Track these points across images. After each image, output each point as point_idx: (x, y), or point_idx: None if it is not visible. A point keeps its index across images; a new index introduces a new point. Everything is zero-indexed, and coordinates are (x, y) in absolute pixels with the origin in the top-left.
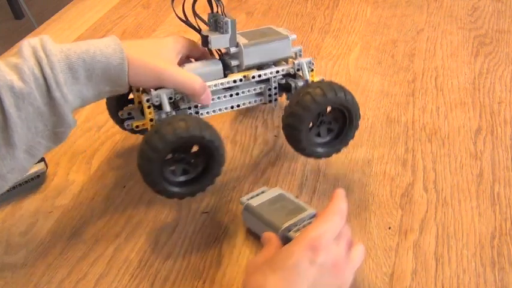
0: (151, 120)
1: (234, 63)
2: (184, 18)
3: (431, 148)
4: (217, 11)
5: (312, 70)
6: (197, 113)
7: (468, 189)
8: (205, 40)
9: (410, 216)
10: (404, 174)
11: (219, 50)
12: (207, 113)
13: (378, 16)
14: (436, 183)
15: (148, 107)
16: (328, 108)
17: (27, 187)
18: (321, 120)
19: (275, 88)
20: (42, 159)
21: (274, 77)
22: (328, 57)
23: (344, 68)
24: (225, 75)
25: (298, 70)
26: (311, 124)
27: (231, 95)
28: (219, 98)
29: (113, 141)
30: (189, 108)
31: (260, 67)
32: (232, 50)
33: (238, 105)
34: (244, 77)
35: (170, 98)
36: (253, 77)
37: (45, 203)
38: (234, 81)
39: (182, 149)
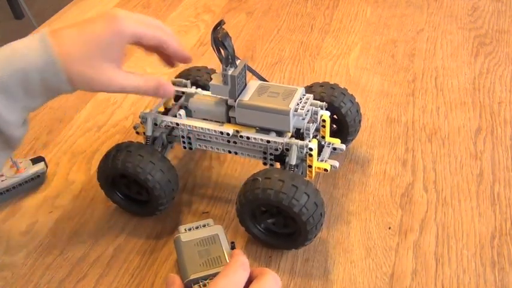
0: (143, 133)
1: (231, 114)
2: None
3: (431, 148)
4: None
5: (324, 126)
6: (190, 143)
7: (468, 189)
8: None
9: (410, 216)
10: (404, 174)
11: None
12: (205, 147)
13: (378, 16)
14: (436, 183)
15: (141, 123)
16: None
17: (27, 187)
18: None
19: (271, 154)
20: (42, 159)
21: (267, 142)
22: (328, 57)
23: (344, 68)
24: (229, 119)
25: (287, 150)
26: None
27: (228, 141)
28: (217, 138)
29: (113, 141)
30: (182, 137)
31: (262, 128)
32: (230, 102)
33: (236, 153)
34: (237, 131)
35: (155, 124)
36: (241, 137)
37: (45, 203)
38: (221, 133)
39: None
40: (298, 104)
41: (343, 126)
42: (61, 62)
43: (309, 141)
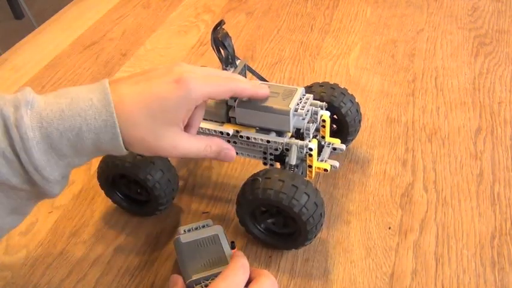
0: None
1: (231, 114)
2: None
3: (431, 148)
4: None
5: (324, 127)
6: None
7: (468, 189)
8: None
9: (410, 216)
10: (404, 174)
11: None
12: None
13: (378, 16)
14: (436, 183)
15: None
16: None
17: None
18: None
19: (271, 154)
20: None
21: (267, 142)
22: (328, 57)
23: (344, 68)
24: (229, 119)
25: (287, 150)
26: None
27: (228, 141)
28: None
29: None
30: None
31: (262, 128)
32: (230, 102)
33: (236, 153)
34: (237, 132)
35: None
36: (241, 137)
37: (45, 203)
38: (221, 133)
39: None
40: (298, 104)
41: (343, 126)
42: (120, 125)
43: (309, 141)
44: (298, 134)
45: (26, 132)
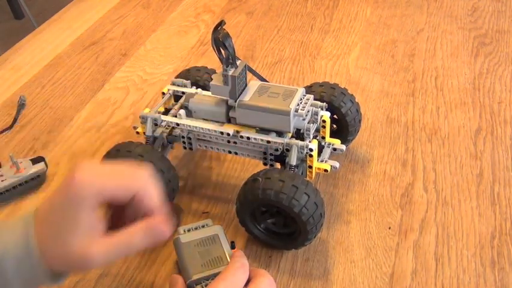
0: (144, 133)
1: (231, 114)
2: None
3: (431, 148)
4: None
5: (324, 127)
6: (190, 144)
7: (468, 189)
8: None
9: (410, 216)
10: (404, 174)
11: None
12: (205, 147)
13: (378, 16)
14: (436, 183)
15: (141, 123)
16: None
17: (27, 187)
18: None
19: (271, 154)
20: (42, 159)
21: (268, 142)
22: (328, 57)
23: (344, 68)
24: (229, 119)
25: (287, 150)
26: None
27: (228, 142)
28: (217, 139)
29: (112, 142)
30: (183, 137)
31: (262, 128)
32: (230, 102)
33: (236, 153)
34: (237, 132)
35: (155, 124)
36: (242, 137)
37: None
38: (222, 133)
39: None
40: (298, 105)
41: (343, 126)
42: (37, 243)
43: (309, 141)
44: (299, 135)
45: None
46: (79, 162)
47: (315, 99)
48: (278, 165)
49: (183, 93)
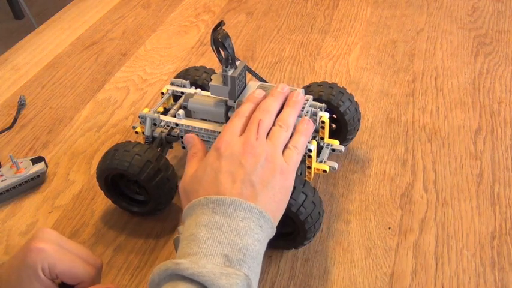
0: (143, 133)
1: (230, 114)
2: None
3: (431, 148)
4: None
5: (323, 128)
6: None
7: (468, 189)
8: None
9: (410, 216)
10: (404, 174)
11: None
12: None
13: (378, 16)
14: (436, 183)
15: (140, 123)
16: None
17: (27, 187)
18: None
19: None
20: (42, 159)
21: None
22: (328, 57)
23: (344, 68)
24: (228, 119)
25: None
26: None
27: None
28: (216, 139)
29: (112, 141)
30: (182, 137)
31: None
32: (230, 103)
33: None
34: None
35: (155, 124)
36: None
37: (45, 203)
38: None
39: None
40: None
41: (342, 125)
42: None
43: (308, 142)
44: None
45: None
46: (40, 230)
47: (313, 99)
48: None
49: (182, 93)
